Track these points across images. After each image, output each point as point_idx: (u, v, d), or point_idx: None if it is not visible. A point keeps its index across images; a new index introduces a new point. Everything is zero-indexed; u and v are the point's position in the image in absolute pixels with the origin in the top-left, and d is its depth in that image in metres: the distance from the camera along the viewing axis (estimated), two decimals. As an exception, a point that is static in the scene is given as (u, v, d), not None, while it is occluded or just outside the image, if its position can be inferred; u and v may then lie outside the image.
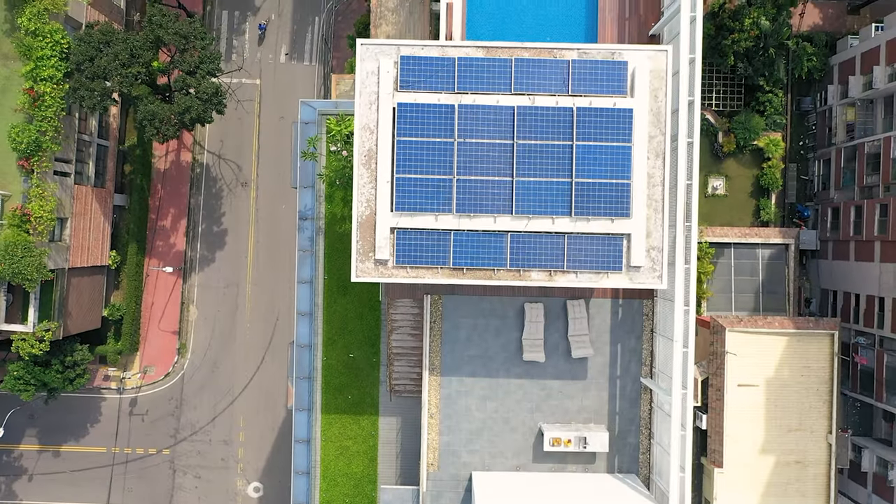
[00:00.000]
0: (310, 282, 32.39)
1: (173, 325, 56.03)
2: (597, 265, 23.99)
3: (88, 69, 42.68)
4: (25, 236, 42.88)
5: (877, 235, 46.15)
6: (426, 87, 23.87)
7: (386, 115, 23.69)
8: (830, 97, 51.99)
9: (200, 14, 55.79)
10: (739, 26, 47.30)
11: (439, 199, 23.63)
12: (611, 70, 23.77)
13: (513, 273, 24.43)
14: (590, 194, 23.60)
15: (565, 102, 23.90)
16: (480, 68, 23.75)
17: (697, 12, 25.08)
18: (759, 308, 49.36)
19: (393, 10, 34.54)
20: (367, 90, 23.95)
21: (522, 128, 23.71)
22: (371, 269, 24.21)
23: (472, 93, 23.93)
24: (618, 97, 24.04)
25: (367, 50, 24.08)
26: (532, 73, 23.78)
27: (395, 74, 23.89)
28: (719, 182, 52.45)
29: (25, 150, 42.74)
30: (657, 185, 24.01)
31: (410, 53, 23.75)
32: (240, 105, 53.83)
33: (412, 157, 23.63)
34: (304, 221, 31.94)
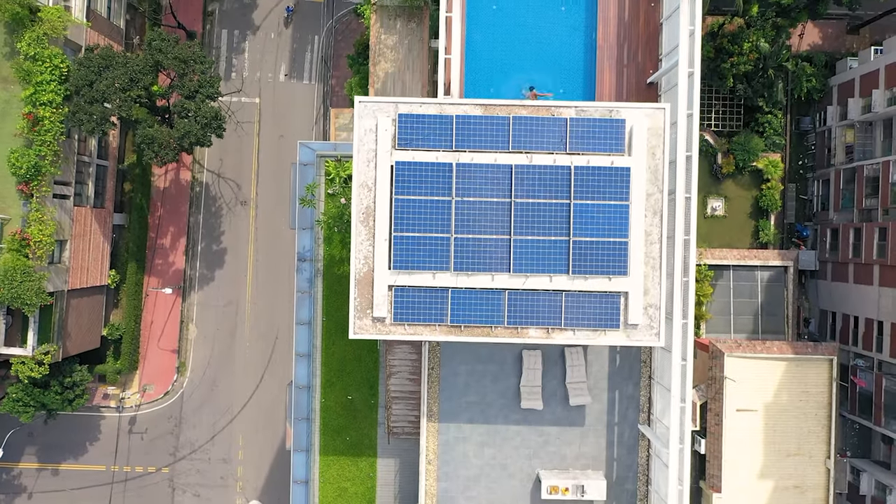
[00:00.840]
0: (308, 323, 32.46)
1: (173, 343, 56.06)
2: (594, 323, 24.04)
3: (87, 93, 42.69)
4: (25, 261, 42.90)
5: (876, 259, 46.18)
6: (424, 145, 23.92)
7: (384, 173, 23.75)
8: (829, 118, 52.01)
9: (200, 33, 55.84)
10: (738, 49, 47.33)
11: (437, 257, 23.70)
12: (608, 128, 23.81)
13: (510, 330, 24.47)
14: (587, 253, 23.67)
15: (563, 161, 23.93)
16: (478, 126, 23.81)
17: (695, 67, 25.09)
18: (758, 330, 49.39)
19: (392, 48, 34.58)
20: (364, 147, 24.00)
21: (520, 186, 23.77)
22: (369, 326, 24.27)
23: (470, 151, 23.97)
24: (615, 155, 24.08)
25: (365, 108, 24.12)
26: (530, 131, 23.82)
27: (392, 132, 23.92)
28: (718, 203, 52.48)
29: (25, 174, 42.76)
30: (654, 243, 24.06)
31: (408, 111, 23.78)
32: (239, 126, 53.83)
33: (410, 216, 23.68)
34: (302, 263, 32.00)
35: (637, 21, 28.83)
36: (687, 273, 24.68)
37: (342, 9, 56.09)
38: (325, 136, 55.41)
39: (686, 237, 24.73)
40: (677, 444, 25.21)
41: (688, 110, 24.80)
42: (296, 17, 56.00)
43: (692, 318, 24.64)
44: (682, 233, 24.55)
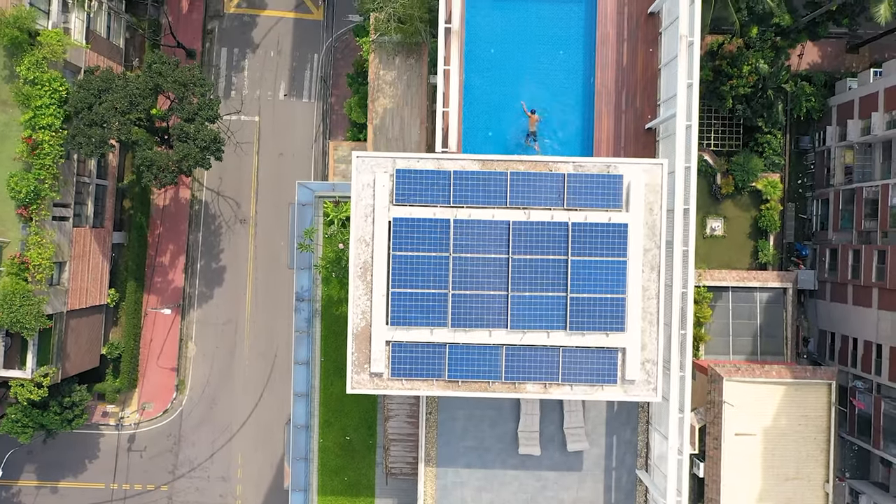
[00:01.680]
0: (306, 363, 32.49)
1: (172, 361, 56.08)
2: (592, 378, 24.07)
3: (86, 116, 42.71)
4: (24, 284, 42.91)
5: (875, 282, 46.19)
6: (422, 201, 23.93)
7: (381, 229, 23.76)
8: (829, 138, 52.01)
9: (199, 51, 55.86)
10: (738, 72, 47.36)
11: (435, 312, 23.74)
12: (606, 184, 23.85)
13: (508, 385, 24.50)
14: (585, 309, 23.70)
15: (560, 217, 23.95)
16: (476, 182, 23.83)
17: (693, 121, 25.09)
18: (756, 352, 49.40)
19: (390, 84, 34.60)
20: (362, 202, 24.01)
21: (518, 242, 23.79)
22: (366, 381, 24.29)
23: (468, 206, 23.98)
24: (613, 211, 24.10)
25: (362, 162, 24.14)
26: (527, 186, 23.85)
27: (390, 188, 23.94)
28: (717, 223, 52.50)
29: (24, 199, 42.77)
30: (652, 298, 24.10)
31: (406, 167, 23.77)
32: (239, 147, 53.84)
33: (408, 272, 23.71)
34: (300, 303, 32.04)
35: (635, 67, 28.83)
36: (685, 325, 24.71)
37: (341, 27, 56.09)
38: (325, 155, 55.43)
39: (683, 290, 24.75)
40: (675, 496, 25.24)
41: (685, 163, 24.81)
42: (294, 35, 56.04)
43: (689, 371, 24.66)
44: (680, 285, 24.58)
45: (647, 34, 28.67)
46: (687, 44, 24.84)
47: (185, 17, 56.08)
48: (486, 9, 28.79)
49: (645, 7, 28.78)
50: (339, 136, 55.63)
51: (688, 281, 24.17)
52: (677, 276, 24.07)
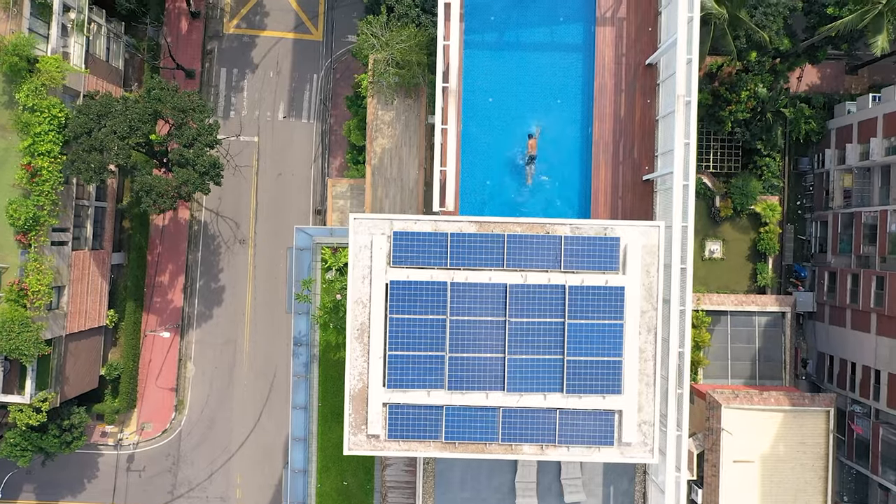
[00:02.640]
0: (304, 408, 32.49)
1: (171, 381, 56.08)
2: (588, 440, 24.09)
3: (86, 141, 42.73)
4: (23, 311, 42.93)
5: (873, 307, 46.20)
6: (419, 263, 23.96)
7: (378, 291, 23.80)
8: (828, 161, 52.03)
9: (199, 71, 55.84)
10: (736, 98, 47.34)
11: (432, 375, 23.78)
12: (603, 246, 23.87)
13: (505, 447, 24.54)
14: (581, 372, 23.73)
15: (557, 279, 24.00)
16: (473, 244, 23.86)
17: (690, 179, 25.10)
18: (755, 376, 49.41)
19: (389, 124, 34.56)
20: (360, 264, 24.03)
21: (514, 305, 23.83)
22: (363, 442, 24.32)
23: (465, 269, 24.01)
24: (610, 273, 24.14)
25: (360, 224, 24.14)
26: (524, 249, 23.87)
27: (387, 250, 23.96)
28: (716, 246, 52.52)
29: (23, 225, 42.77)
30: (649, 360, 24.13)
31: (403, 229, 23.78)
32: (238, 171, 53.83)
33: (405, 334, 23.75)
34: (298, 347, 32.06)
35: (633, 117, 28.85)
36: (681, 385, 24.73)
37: (341, 48, 56.08)
38: (324, 175, 55.46)
39: (680, 349, 24.76)
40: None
41: (682, 223, 24.83)
42: (294, 56, 56.06)
43: (686, 429, 24.67)
44: (677, 345, 24.60)
45: (644, 85, 28.72)
46: (684, 103, 24.85)
47: (184, 38, 56.07)
48: (483, 58, 28.83)
49: (643, 58, 28.82)
50: (338, 157, 55.66)
51: (685, 340, 24.19)
52: (674, 334, 24.10)
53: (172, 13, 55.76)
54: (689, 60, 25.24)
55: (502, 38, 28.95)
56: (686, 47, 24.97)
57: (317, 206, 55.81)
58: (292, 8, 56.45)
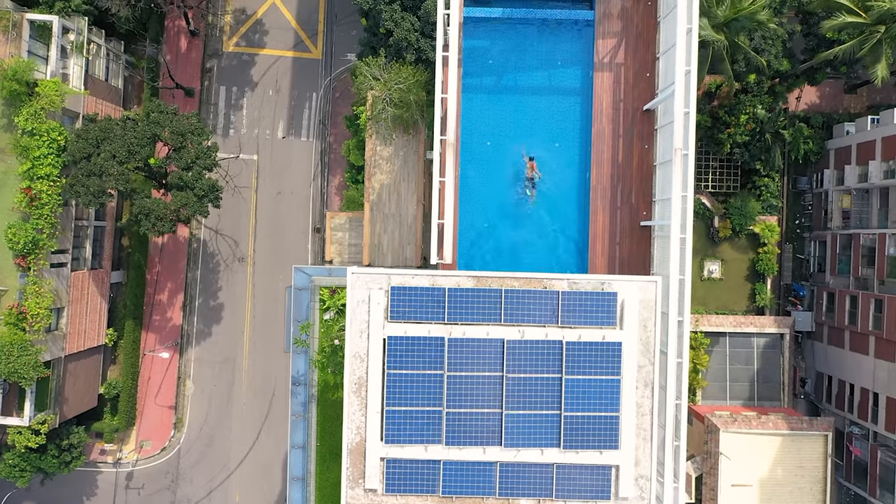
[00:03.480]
0: (303, 447, 32.52)
1: (170, 399, 56.10)
2: (585, 495, 24.17)
3: (85, 166, 42.76)
4: (22, 334, 42.97)
5: (872, 330, 46.23)
6: (416, 318, 24.04)
7: (376, 346, 23.88)
8: (826, 181, 52.06)
9: (198, 89, 55.87)
10: (735, 121, 47.36)
11: (429, 430, 23.84)
12: (600, 301, 23.95)
13: (502, 501, 24.64)
14: (578, 427, 23.79)
15: (555, 335, 24.08)
16: (470, 299, 23.94)
17: (687, 234, 25.17)
18: (753, 397, 49.47)
19: (387, 159, 34.60)
20: (357, 318, 24.11)
21: (512, 361, 23.90)
22: (361, 497, 24.40)
23: (463, 324, 24.11)
24: (607, 328, 24.22)
25: (357, 279, 24.20)
26: (522, 303, 23.96)
27: (385, 304, 24.04)
28: (715, 266, 52.57)
29: (22, 249, 42.79)
30: (646, 415, 24.19)
31: (400, 283, 23.85)
32: (237, 191, 53.82)
33: (402, 389, 23.81)
34: (296, 387, 32.12)
35: (631, 163, 28.93)
36: (678, 436, 24.78)
37: (340, 66, 56.11)
38: (323, 194, 55.50)
39: (677, 401, 24.82)
40: None
41: (679, 275, 24.88)
42: (293, 74, 56.07)
43: (683, 480, 24.74)
44: (674, 397, 24.65)
45: (642, 130, 28.79)
46: (681, 156, 24.87)
47: (183, 56, 56.09)
48: (481, 102, 28.91)
49: (640, 104, 28.90)
50: (338, 175, 55.69)
51: (682, 392, 24.23)
52: (671, 386, 24.16)
53: (172, 31, 55.78)
54: (686, 113, 25.28)
55: (500, 82, 29.06)
56: (683, 100, 25.02)
57: (315, 225, 55.84)
58: (292, 26, 56.48)
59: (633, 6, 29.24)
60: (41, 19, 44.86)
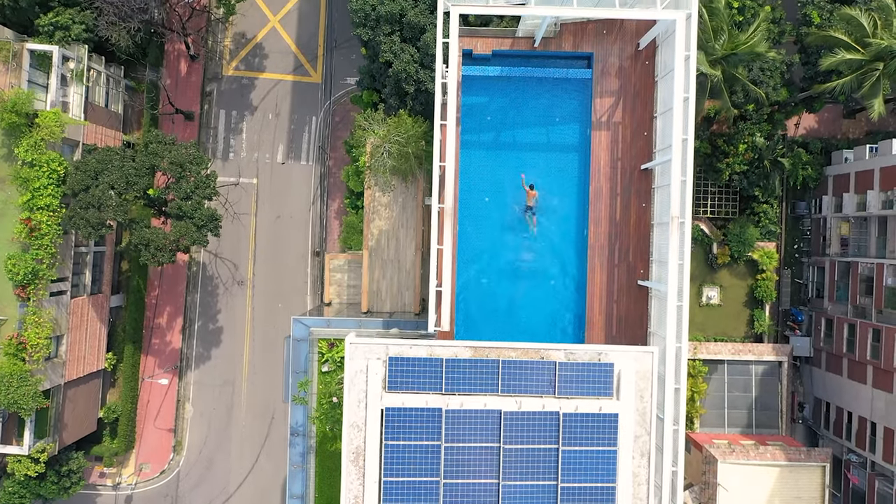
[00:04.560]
0: (301, 497, 32.61)
1: (169, 422, 56.21)
2: None
3: (84, 198, 42.87)
4: (21, 365, 43.07)
5: (870, 359, 46.31)
6: (414, 388, 24.16)
7: (374, 416, 23.98)
8: (825, 207, 52.15)
9: (197, 113, 55.97)
10: (734, 150, 47.44)
11: (426, 501, 23.91)
12: (597, 372, 24.08)
13: None
14: (575, 498, 23.89)
15: (552, 406, 24.19)
16: (468, 369, 24.07)
17: (683, 301, 25.26)
18: (751, 424, 49.56)
19: (386, 206, 34.72)
20: (355, 388, 24.22)
21: (509, 432, 24.01)
22: None
23: (460, 394, 24.23)
24: (604, 399, 24.34)
25: (356, 349, 24.34)
26: (519, 374, 24.09)
27: (383, 374, 24.15)
28: (713, 292, 52.65)
29: (22, 280, 42.89)
30: (642, 484, 24.30)
31: (398, 354, 23.98)
32: (237, 218, 53.90)
33: (400, 460, 23.90)
34: (295, 437, 32.22)
35: (628, 221, 29.01)
36: (675, 500, 24.84)
37: (339, 90, 56.22)
38: (322, 218, 55.62)
39: (673, 468, 24.91)
40: None
41: (676, 343, 24.99)
42: (293, 98, 56.18)
43: None
44: (670, 464, 24.75)
45: (640, 189, 28.89)
46: (678, 224, 24.98)
47: (183, 80, 56.20)
48: (479, 158, 29.02)
49: (638, 162, 29.02)
50: (337, 200, 55.80)
51: (678, 459, 24.32)
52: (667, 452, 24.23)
53: (172, 56, 55.89)
54: (683, 182, 25.39)
55: (498, 138, 29.16)
56: (680, 169, 25.13)
57: (315, 248, 55.96)
58: (291, 50, 56.60)
59: (630, 65, 29.36)
60: (41, 49, 44.95)
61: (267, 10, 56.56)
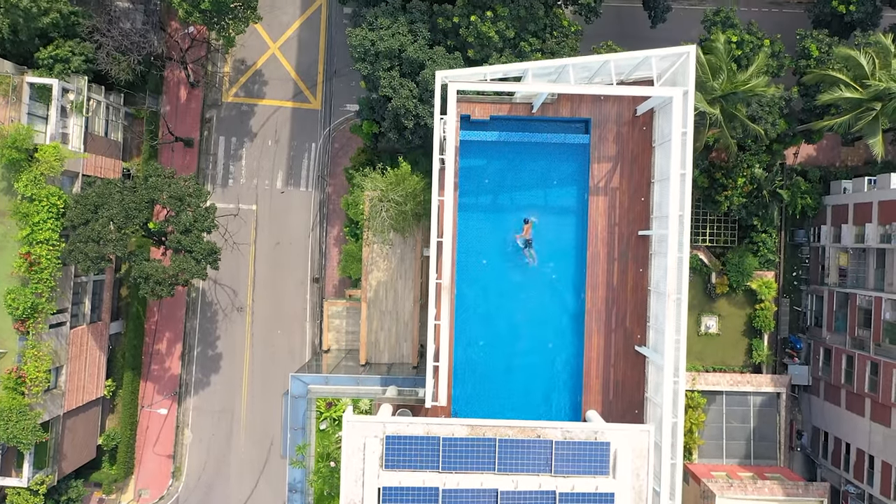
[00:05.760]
0: None
1: (168, 448, 56.27)
2: None
3: (83, 232, 42.94)
4: (20, 399, 43.13)
5: (868, 392, 46.38)
6: (411, 466, 24.20)
7: (371, 494, 24.04)
8: (824, 237, 52.23)
9: (197, 139, 56.04)
10: (733, 184, 47.48)
11: None
12: (593, 451, 24.15)
13: None
14: None
15: (548, 484, 24.25)
16: (465, 448, 24.13)
17: (680, 377, 25.34)
18: (750, 455, 49.61)
19: (384, 257, 34.81)
20: (353, 465, 24.27)
21: None
22: None
23: (457, 472, 24.26)
24: (600, 478, 24.41)
25: (353, 427, 24.41)
26: (516, 452, 24.14)
27: (380, 452, 24.20)
28: (712, 321, 52.71)
29: (22, 314, 42.95)
30: None
31: (395, 433, 24.04)
32: (236, 248, 53.94)
33: None
34: (293, 493, 32.29)
35: (625, 286, 29.08)
36: None
37: (339, 117, 56.29)
38: (322, 249, 55.69)
39: None
40: None
41: (672, 418, 25.05)
42: (292, 124, 56.21)
43: None
44: None
45: (637, 254, 28.95)
46: (674, 301, 25.06)
47: (183, 106, 56.26)
48: (477, 220, 29.06)
49: (635, 227, 29.09)
50: (336, 227, 55.90)
51: None
52: None
53: (171, 83, 55.96)
54: (679, 259, 25.45)
55: (496, 201, 29.20)
56: (677, 247, 25.20)
57: (314, 275, 56.04)
58: (291, 77, 56.66)
59: (628, 131, 29.42)
60: (41, 82, 45.01)
61: (267, 37, 56.62)
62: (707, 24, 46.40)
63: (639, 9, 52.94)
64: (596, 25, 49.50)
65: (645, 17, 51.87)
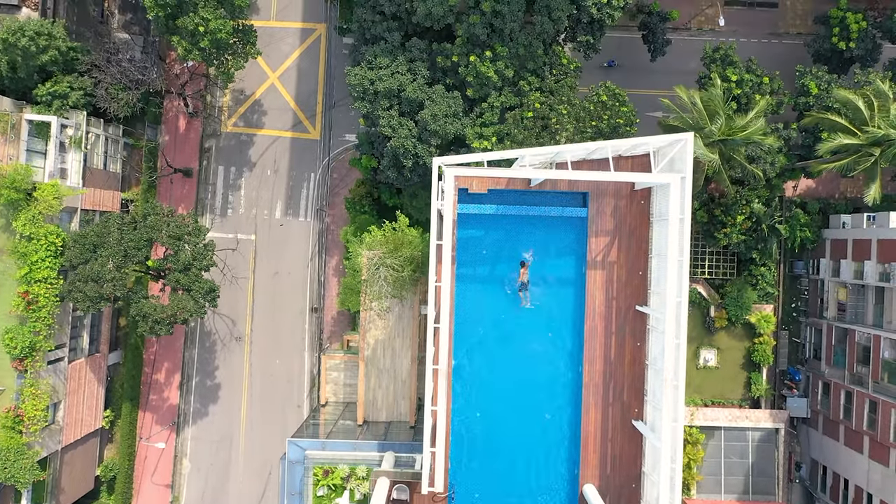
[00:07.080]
0: None
1: (166, 478, 56.22)
2: None
3: (82, 271, 42.91)
4: (18, 438, 43.07)
5: (866, 430, 46.34)
6: None
7: None
8: (823, 270, 52.17)
9: (196, 169, 55.99)
10: (732, 220, 47.41)
11: None
12: None
13: None
14: None
15: None
16: None
17: (677, 463, 25.28)
18: (748, 491, 49.62)
19: (382, 316, 34.82)
20: None
21: None
22: None
23: None
24: None
25: None
26: None
27: None
28: (710, 354, 52.68)
29: (20, 353, 42.90)
30: None
31: None
32: (235, 282, 53.89)
33: None
34: None
35: (623, 360, 29.08)
36: None
37: (338, 147, 56.27)
38: (321, 279, 55.65)
39: None
40: None
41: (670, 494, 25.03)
42: (291, 154, 56.13)
43: None
44: None
45: (634, 328, 28.95)
46: (672, 387, 25.04)
47: (182, 136, 56.21)
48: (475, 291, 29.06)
49: (633, 302, 29.06)
50: (335, 256, 55.86)
51: None
52: None
53: (170, 113, 55.90)
54: (677, 345, 25.43)
55: (494, 272, 29.19)
56: (675, 331, 25.17)
57: (313, 305, 56.01)
58: (290, 107, 56.61)
59: (625, 205, 29.40)
60: (40, 119, 44.95)
61: (266, 67, 56.57)
62: (706, 62, 46.34)
63: (639, 39, 52.95)
64: (596, 57, 49.56)
65: (646, 48, 51.86)
